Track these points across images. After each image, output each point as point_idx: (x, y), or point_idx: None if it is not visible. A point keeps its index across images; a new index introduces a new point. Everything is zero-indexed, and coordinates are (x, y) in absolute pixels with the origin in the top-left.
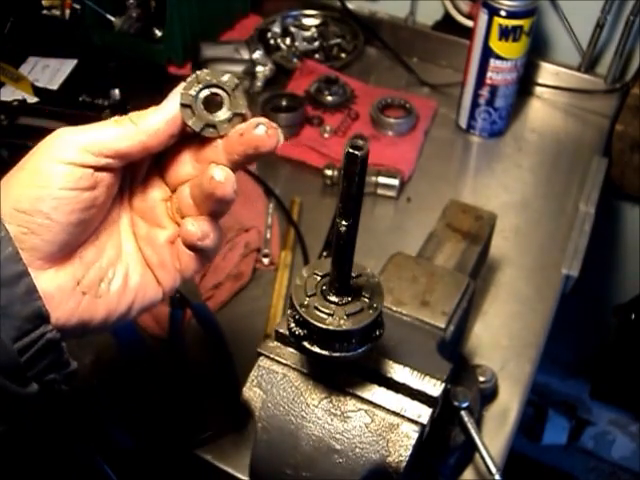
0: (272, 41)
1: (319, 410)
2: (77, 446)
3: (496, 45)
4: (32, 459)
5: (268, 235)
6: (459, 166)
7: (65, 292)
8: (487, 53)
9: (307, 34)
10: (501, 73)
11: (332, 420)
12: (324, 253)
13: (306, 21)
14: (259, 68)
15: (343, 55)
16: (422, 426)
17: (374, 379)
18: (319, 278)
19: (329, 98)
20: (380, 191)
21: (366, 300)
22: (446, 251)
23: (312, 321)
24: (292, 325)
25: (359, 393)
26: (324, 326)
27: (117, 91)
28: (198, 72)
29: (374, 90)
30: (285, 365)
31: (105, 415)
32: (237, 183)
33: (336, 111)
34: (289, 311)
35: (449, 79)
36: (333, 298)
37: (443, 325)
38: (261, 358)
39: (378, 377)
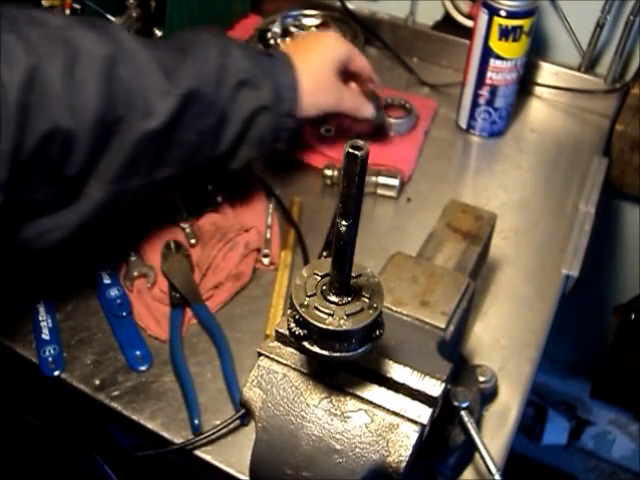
0: (272, 41)
1: (319, 410)
2: (79, 447)
3: (496, 45)
4: (34, 460)
5: (268, 235)
6: (459, 166)
7: None
8: (487, 53)
9: None
10: (501, 73)
11: (332, 420)
12: (324, 253)
13: (306, 21)
14: None
15: None
16: (422, 426)
17: (374, 379)
18: (319, 278)
19: None
20: (380, 191)
21: (366, 300)
22: (446, 251)
23: (312, 321)
24: (292, 325)
25: (359, 393)
26: (324, 326)
27: None
28: None
29: None
30: (285, 365)
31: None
32: (237, 183)
33: None
34: (289, 311)
35: (449, 79)
36: (333, 298)
37: (443, 325)
38: (261, 358)
39: (378, 377)
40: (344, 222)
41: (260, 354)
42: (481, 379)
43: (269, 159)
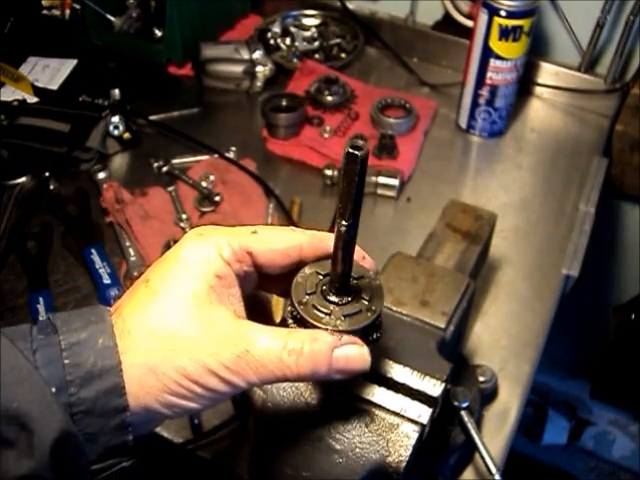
0: (272, 41)
1: (319, 410)
2: None
3: (496, 45)
4: None
5: None
6: (459, 166)
7: None
8: (487, 53)
9: (307, 34)
10: (501, 73)
11: (332, 420)
12: None
13: (306, 21)
14: (259, 68)
15: (343, 55)
16: (422, 426)
17: (374, 379)
18: (321, 277)
19: (329, 98)
20: (380, 191)
21: (365, 302)
22: (446, 251)
23: (308, 319)
24: (290, 322)
25: (359, 393)
26: (320, 325)
27: (117, 91)
28: None
29: (374, 90)
30: None
31: None
32: (237, 183)
33: (336, 111)
34: (288, 308)
35: (449, 79)
36: (332, 298)
37: (443, 325)
38: None
39: (378, 377)
40: (344, 222)
41: None
42: (481, 379)
43: (268, 159)
